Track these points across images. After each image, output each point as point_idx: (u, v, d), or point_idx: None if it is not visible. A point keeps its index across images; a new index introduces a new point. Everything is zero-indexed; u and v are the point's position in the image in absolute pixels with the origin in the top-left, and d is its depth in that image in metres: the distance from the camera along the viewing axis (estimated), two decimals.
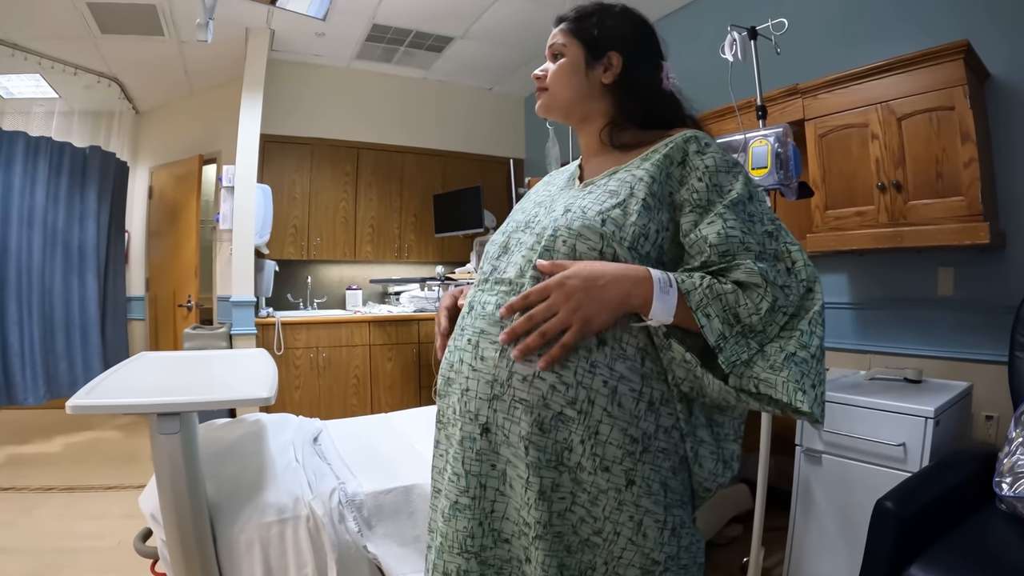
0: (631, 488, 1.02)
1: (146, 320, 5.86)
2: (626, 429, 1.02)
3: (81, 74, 4.84)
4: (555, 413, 1.01)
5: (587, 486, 1.02)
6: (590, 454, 1.01)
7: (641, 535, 1.03)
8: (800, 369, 0.99)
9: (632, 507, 1.02)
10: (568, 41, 1.24)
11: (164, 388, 1.86)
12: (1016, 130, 2.51)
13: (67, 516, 3.21)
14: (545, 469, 1.01)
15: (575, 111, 1.26)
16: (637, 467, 1.02)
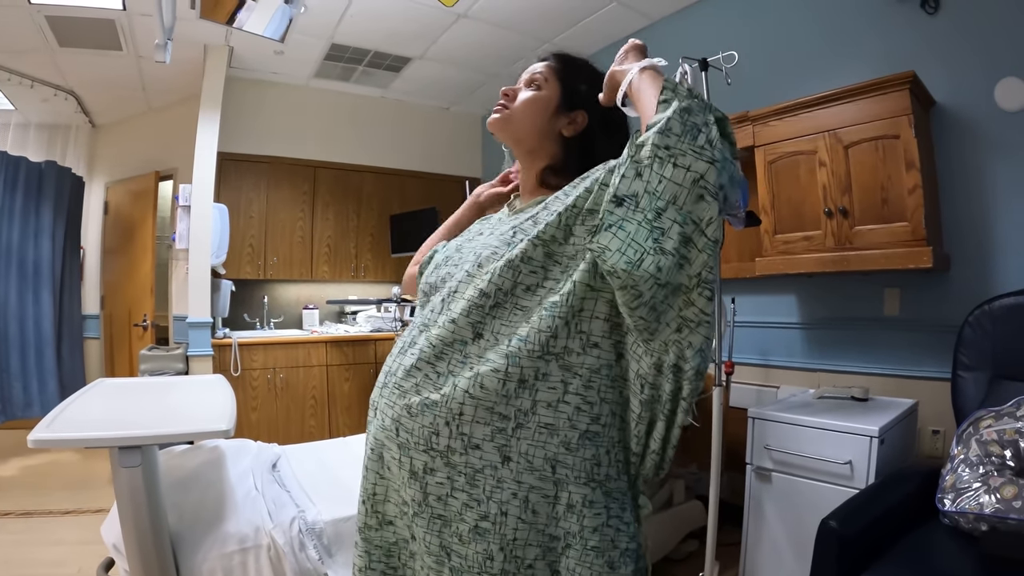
0: (508, 464, 1.03)
1: (101, 339, 5.74)
2: (492, 408, 1.03)
3: (38, 87, 4.76)
4: (421, 399, 1.07)
5: (461, 467, 1.04)
6: (457, 434, 1.03)
7: (527, 511, 1.03)
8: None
9: (514, 484, 1.03)
10: (550, 78, 1.25)
11: (124, 419, 1.86)
12: (960, 155, 2.61)
13: (26, 543, 3.15)
14: (414, 451, 1.07)
15: (527, 142, 1.25)
16: (511, 443, 1.03)
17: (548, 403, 1.03)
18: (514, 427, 1.03)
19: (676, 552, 2.95)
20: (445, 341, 1.08)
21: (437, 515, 1.06)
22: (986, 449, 1.92)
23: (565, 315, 1.02)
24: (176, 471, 2.16)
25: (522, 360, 1.02)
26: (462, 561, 1.04)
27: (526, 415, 1.03)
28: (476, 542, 1.03)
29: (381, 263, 5.63)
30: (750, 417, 2.50)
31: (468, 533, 1.04)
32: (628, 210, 0.92)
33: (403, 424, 1.08)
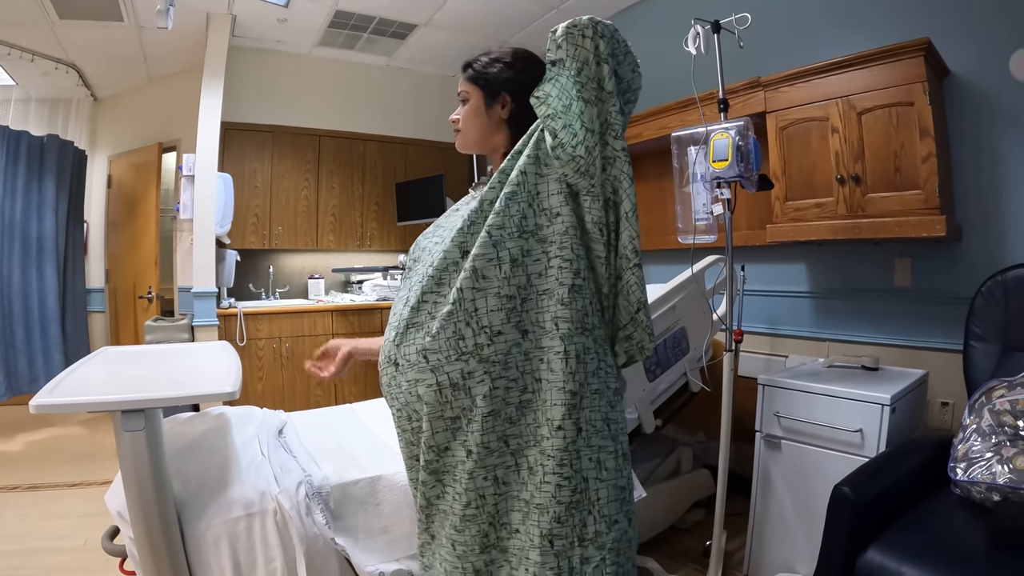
0: (527, 336, 1.23)
1: (106, 312, 5.76)
2: (498, 292, 1.21)
3: (39, 60, 4.71)
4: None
5: (493, 357, 1.21)
6: (479, 330, 1.21)
7: (549, 370, 1.21)
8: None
9: (537, 351, 1.23)
10: (470, 88, 1.48)
11: (127, 384, 1.84)
12: (974, 126, 2.57)
13: (32, 516, 3.16)
14: (448, 364, 1.22)
15: (484, 145, 1.51)
16: (523, 316, 1.23)
17: (539, 273, 1.24)
18: (520, 301, 1.22)
19: (682, 521, 2.95)
20: (437, 266, 1.28)
21: (488, 412, 1.21)
22: (998, 419, 1.89)
23: (527, 199, 1.25)
24: (180, 438, 2.15)
25: (506, 243, 1.22)
26: (518, 441, 1.23)
27: (525, 289, 1.23)
28: (524, 415, 1.22)
29: (387, 232, 5.59)
30: (760, 384, 2.49)
31: (516, 412, 1.22)
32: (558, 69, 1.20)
33: (430, 348, 1.24)
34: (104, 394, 1.66)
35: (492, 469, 1.22)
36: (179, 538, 1.71)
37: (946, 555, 1.64)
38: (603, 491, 1.22)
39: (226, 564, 1.73)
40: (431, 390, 1.23)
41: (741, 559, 2.62)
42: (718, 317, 2.63)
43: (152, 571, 1.66)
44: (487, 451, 1.21)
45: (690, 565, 2.67)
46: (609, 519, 1.22)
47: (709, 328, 2.76)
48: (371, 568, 1.78)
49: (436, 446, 1.25)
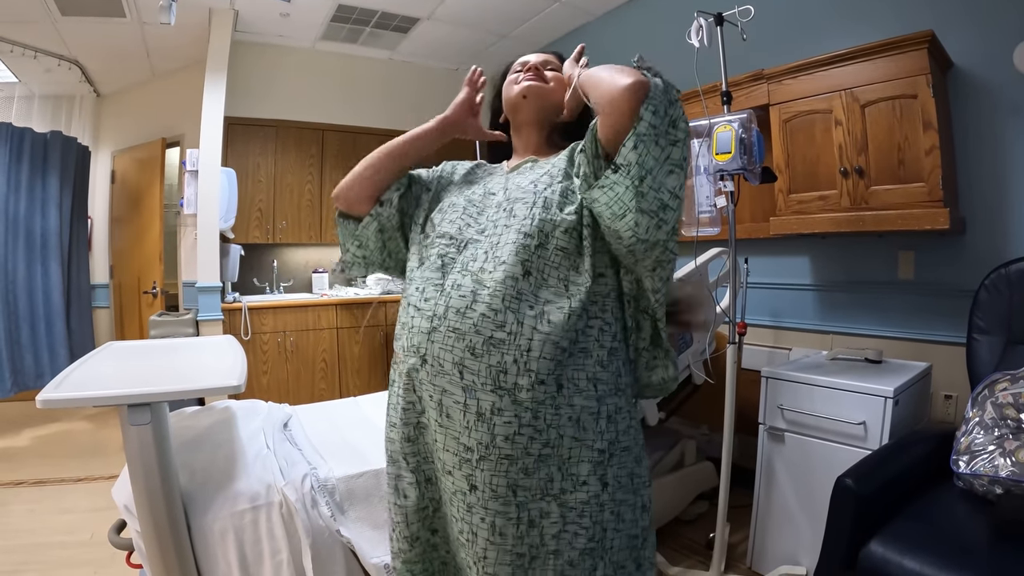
0: (561, 392, 1.15)
1: (111, 308, 5.77)
2: (556, 342, 1.14)
3: (41, 57, 4.71)
4: (485, 339, 1.14)
5: (527, 403, 1.13)
6: (524, 371, 1.13)
7: (578, 428, 1.17)
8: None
9: (567, 408, 1.16)
10: (559, 70, 1.45)
11: (133, 379, 1.85)
12: (977, 118, 2.56)
13: (39, 511, 3.17)
14: (481, 391, 1.14)
15: (548, 113, 1.44)
16: (564, 371, 1.16)
17: (581, 330, 1.19)
18: (567, 356, 1.16)
19: (686, 513, 2.95)
20: (498, 280, 1.16)
21: (504, 456, 1.14)
22: (1001, 412, 1.89)
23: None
24: (186, 432, 2.16)
25: (576, 298, 1.18)
26: (527, 494, 1.15)
27: (572, 344, 1.17)
28: (540, 469, 1.15)
29: None
30: (764, 377, 2.49)
31: (533, 464, 1.15)
32: (621, 176, 1.09)
33: (467, 366, 1.15)
34: (110, 389, 1.67)
35: (492, 515, 1.15)
36: (185, 531, 1.72)
37: (948, 547, 1.64)
38: (617, 540, 1.21)
39: (232, 556, 1.75)
40: (457, 407, 1.16)
41: (744, 551, 2.63)
42: (721, 310, 2.63)
43: (159, 564, 1.68)
44: (492, 494, 1.15)
45: (693, 557, 2.68)
46: (617, 564, 1.22)
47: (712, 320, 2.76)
48: (376, 560, 1.80)
49: (443, 461, 1.21)
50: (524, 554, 1.16)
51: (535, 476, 1.15)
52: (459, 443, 1.16)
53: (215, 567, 1.76)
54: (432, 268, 1.26)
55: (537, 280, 1.17)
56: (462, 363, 1.15)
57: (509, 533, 1.16)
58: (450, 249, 1.26)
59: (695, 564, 2.61)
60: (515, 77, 1.45)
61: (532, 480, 1.15)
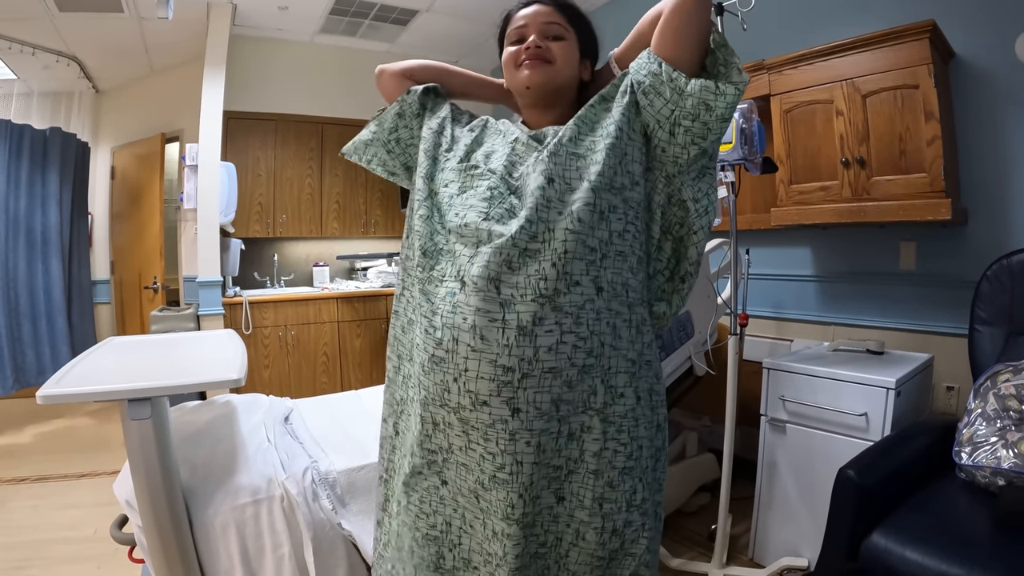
0: (601, 295, 1.13)
1: (112, 304, 5.77)
2: (585, 240, 1.12)
3: (40, 54, 4.68)
4: (521, 250, 1.11)
5: (567, 307, 1.10)
6: (562, 275, 1.10)
7: (615, 336, 1.15)
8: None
9: (607, 312, 1.14)
10: (568, 28, 1.32)
11: (134, 373, 1.85)
12: (979, 108, 2.55)
13: (42, 507, 3.18)
14: (521, 304, 1.09)
15: (565, 92, 1.34)
16: (601, 273, 1.14)
17: (618, 232, 1.16)
18: (600, 256, 1.13)
19: (688, 505, 2.96)
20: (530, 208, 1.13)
21: (548, 369, 1.09)
22: (1004, 403, 1.89)
23: (618, 157, 1.17)
24: (187, 426, 2.16)
25: (601, 192, 1.14)
26: (569, 407, 1.12)
27: (606, 244, 1.14)
28: (583, 381, 1.12)
29: (391, 218, 5.59)
30: (765, 368, 2.49)
31: (577, 375, 1.11)
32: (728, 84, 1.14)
33: (504, 280, 1.10)
34: (110, 384, 1.67)
35: (538, 435, 1.10)
36: (187, 525, 1.72)
37: (950, 539, 1.64)
38: (649, 459, 1.20)
39: (234, 550, 1.75)
40: (493, 326, 1.08)
41: (746, 543, 2.63)
42: (723, 301, 2.63)
43: (161, 558, 1.68)
44: (537, 412, 1.09)
45: (695, 549, 2.68)
46: (650, 485, 1.20)
47: (714, 312, 2.76)
48: None
49: (474, 392, 1.09)
50: (560, 467, 1.14)
51: (577, 388, 1.11)
52: (496, 365, 1.08)
53: (217, 561, 1.76)
54: (480, 197, 1.19)
55: (561, 185, 1.15)
56: (498, 278, 1.09)
57: (548, 447, 1.12)
58: (500, 185, 1.21)
59: (697, 556, 2.61)
60: (515, 54, 1.32)
61: (574, 393, 1.11)
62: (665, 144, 1.21)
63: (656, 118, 1.20)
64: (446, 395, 1.13)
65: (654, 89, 1.19)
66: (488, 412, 1.10)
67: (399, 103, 1.44)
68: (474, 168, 1.25)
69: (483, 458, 1.13)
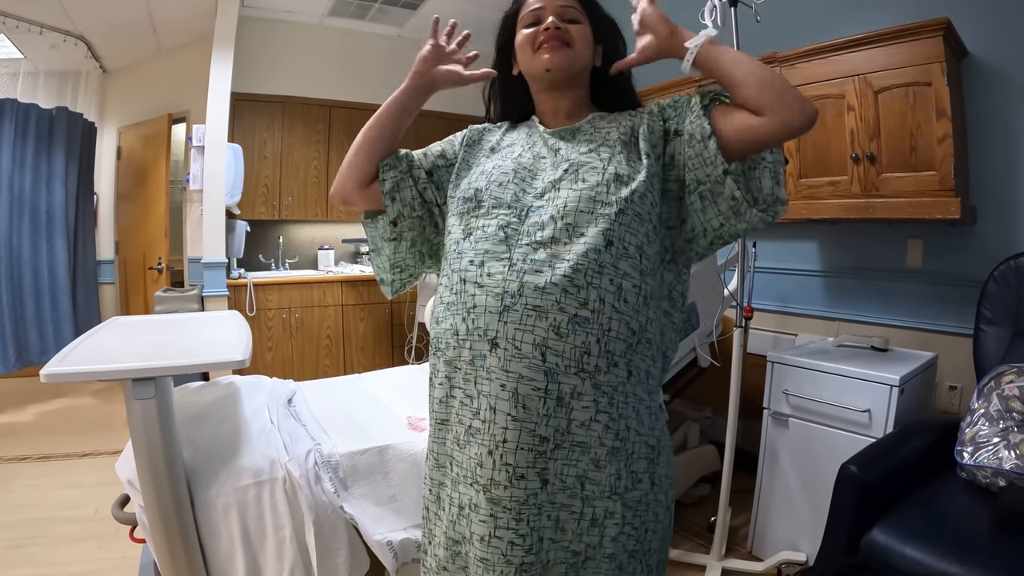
0: (630, 379, 1.08)
1: (116, 284, 5.77)
2: (628, 323, 1.07)
3: (47, 33, 4.66)
4: (570, 317, 1.03)
5: (604, 387, 1.05)
6: (603, 352, 1.04)
7: (639, 422, 1.10)
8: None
9: (634, 398, 1.09)
10: (581, 12, 1.26)
11: (138, 353, 1.85)
12: (991, 108, 2.53)
13: (43, 486, 3.20)
14: (564, 375, 1.03)
15: (580, 76, 1.28)
16: (634, 358, 1.08)
17: (653, 320, 1.12)
18: (636, 342, 1.08)
19: (688, 496, 2.96)
20: (579, 253, 1.05)
21: (577, 443, 1.05)
22: (1007, 404, 1.89)
23: (656, 244, 1.14)
24: (191, 407, 2.17)
25: (647, 278, 1.10)
26: (594, 488, 1.06)
27: (644, 330, 1.10)
28: (610, 464, 1.07)
29: None
30: (769, 361, 2.49)
31: (605, 457, 1.06)
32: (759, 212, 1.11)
33: (551, 347, 1.02)
34: (114, 363, 1.67)
35: (558, 509, 1.06)
36: (189, 506, 1.73)
37: (950, 537, 1.65)
38: (654, 542, 1.15)
39: (235, 531, 1.75)
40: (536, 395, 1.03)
41: (745, 535, 2.64)
42: (729, 293, 2.62)
43: (162, 538, 1.68)
44: (561, 486, 1.05)
45: (694, 540, 2.69)
46: (650, 567, 1.17)
47: (720, 304, 2.76)
48: (379, 536, 1.80)
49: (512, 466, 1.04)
50: (580, 552, 1.08)
51: (605, 471, 1.06)
52: (534, 435, 1.03)
53: (218, 542, 1.76)
54: (493, 240, 1.10)
55: (619, 250, 1.06)
56: (545, 344, 1.02)
57: (569, 529, 1.07)
58: (511, 219, 1.12)
59: (696, 547, 2.62)
60: (531, 37, 1.24)
61: (602, 475, 1.06)
62: (701, 251, 1.18)
63: (704, 227, 1.15)
64: (478, 471, 1.07)
65: (712, 196, 1.12)
66: (524, 487, 1.04)
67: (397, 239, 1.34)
68: (477, 208, 1.16)
69: (512, 545, 1.05)
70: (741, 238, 1.16)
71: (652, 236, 1.12)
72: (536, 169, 1.18)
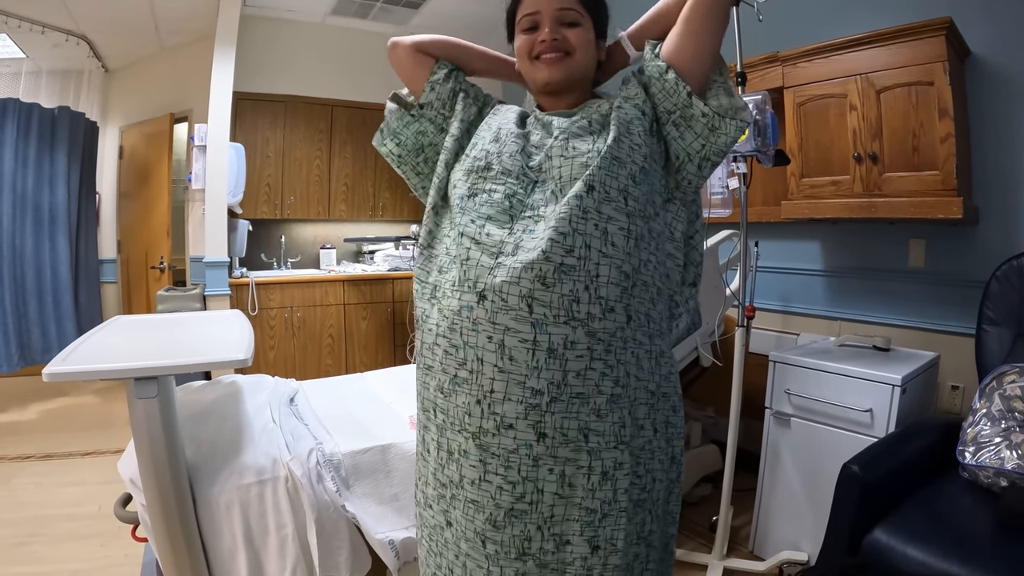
0: (630, 324, 1.09)
1: (118, 283, 5.77)
2: (620, 266, 1.07)
3: (49, 32, 4.67)
4: (556, 265, 1.04)
5: (600, 334, 1.05)
6: (595, 298, 1.05)
7: (638, 367, 1.10)
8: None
9: (633, 343, 1.10)
10: (583, 12, 1.26)
11: (140, 352, 1.85)
12: (994, 108, 2.52)
13: (46, 484, 3.20)
14: (553, 325, 1.03)
15: (584, 79, 1.31)
16: (632, 302, 1.09)
17: (644, 261, 1.12)
18: (631, 284, 1.09)
19: (689, 496, 2.96)
20: (563, 203, 1.08)
21: (576, 394, 1.05)
22: (1009, 404, 1.89)
23: (649, 183, 1.16)
24: (193, 405, 2.17)
25: (636, 219, 1.11)
26: (599, 439, 1.07)
27: (638, 272, 1.10)
28: (612, 412, 1.07)
29: (399, 201, 5.57)
30: (771, 361, 2.49)
31: (605, 405, 1.07)
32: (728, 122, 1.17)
33: (538, 298, 1.03)
34: (116, 362, 1.67)
35: (562, 463, 1.06)
36: (191, 504, 1.73)
37: (952, 537, 1.65)
38: (661, 491, 1.17)
39: (238, 530, 1.76)
40: (523, 347, 1.04)
41: (747, 535, 2.64)
42: (731, 292, 2.62)
43: (164, 537, 1.69)
44: (563, 439, 1.06)
45: (696, 539, 2.69)
46: (659, 517, 1.17)
47: (722, 303, 2.75)
48: (381, 535, 1.80)
49: (500, 415, 1.05)
50: (596, 510, 1.07)
51: (607, 420, 1.06)
52: (525, 387, 1.03)
53: (220, 540, 1.77)
54: (498, 208, 1.13)
55: (600, 194, 1.07)
56: (531, 295, 1.03)
57: (579, 484, 1.06)
58: (518, 190, 1.14)
59: (697, 547, 2.62)
60: (528, 44, 1.26)
61: (605, 424, 1.06)
62: (692, 176, 1.22)
63: (687, 151, 1.19)
64: (467, 419, 1.08)
65: (685, 121, 1.18)
66: (513, 436, 1.05)
67: (415, 118, 1.40)
68: (486, 170, 1.18)
69: (500, 489, 1.07)
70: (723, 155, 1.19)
71: (639, 178, 1.13)
72: (541, 145, 1.21)
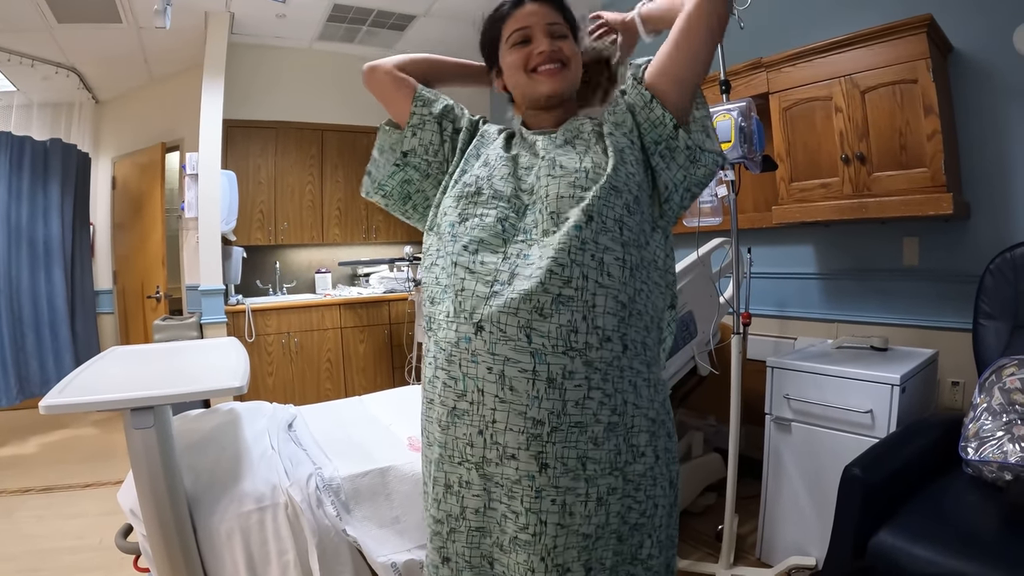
0: (626, 352, 1.09)
1: (115, 313, 5.78)
2: (616, 296, 1.08)
3: (39, 65, 4.71)
4: (554, 296, 1.04)
5: (597, 363, 1.06)
6: (592, 328, 1.05)
7: (636, 395, 1.11)
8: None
9: (630, 371, 1.10)
10: (566, 25, 1.29)
11: (136, 382, 1.85)
12: (979, 102, 2.54)
13: (47, 517, 3.18)
14: (552, 355, 1.04)
15: (573, 98, 1.35)
16: (628, 331, 1.10)
17: (643, 290, 1.13)
18: (628, 315, 1.10)
19: (694, 505, 2.94)
20: (563, 233, 1.08)
21: (575, 423, 1.05)
22: (1009, 397, 1.88)
23: (640, 212, 1.16)
24: (191, 434, 2.16)
25: (630, 248, 1.11)
26: (596, 467, 1.07)
27: (634, 301, 1.11)
28: (608, 440, 1.08)
29: (393, 223, 5.57)
30: (769, 366, 2.48)
31: (602, 433, 1.07)
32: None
33: (536, 328, 1.04)
34: (113, 393, 1.66)
35: (563, 493, 1.06)
36: (191, 533, 1.72)
37: (958, 535, 1.64)
38: (662, 517, 1.17)
39: (239, 557, 1.75)
40: (523, 376, 1.05)
41: (753, 542, 2.62)
42: (725, 300, 2.62)
43: (166, 567, 1.68)
44: (563, 469, 1.06)
45: (703, 549, 2.67)
46: (659, 541, 1.17)
47: (716, 311, 2.75)
48: (383, 559, 1.79)
49: (503, 445, 1.06)
50: (590, 535, 1.08)
51: (604, 447, 1.07)
52: (526, 418, 1.04)
53: (222, 568, 1.75)
54: (490, 232, 1.13)
55: (598, 224, 1.08)
56: (529, 325, 1.03)
57: (577, 512, 1.07)
58: (510, 214, 1.15)
59: (704, 556, 2.60)
60: (523, 58, 1.26)
61: (601, 452, 1.07)
62: (676, 207, 1.24)
63: (673, 182, 1.22)
64: (469, 450, 1.09)
65: (670, 153, 1.21)
66: (515, 467, 1.06)
67: (400, 168, 1.38)
68: (477, 195, 1.19)
69: (505, 517, 1.09)
70: (704, 187, 1.23)
71: (633, 207, 1.14)
72: (530, 166, 1.22)
